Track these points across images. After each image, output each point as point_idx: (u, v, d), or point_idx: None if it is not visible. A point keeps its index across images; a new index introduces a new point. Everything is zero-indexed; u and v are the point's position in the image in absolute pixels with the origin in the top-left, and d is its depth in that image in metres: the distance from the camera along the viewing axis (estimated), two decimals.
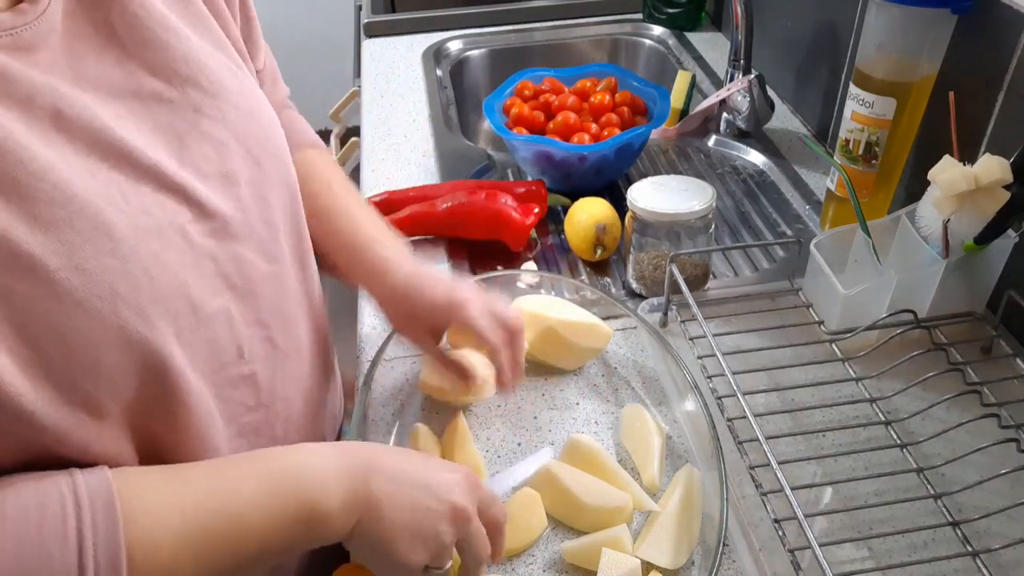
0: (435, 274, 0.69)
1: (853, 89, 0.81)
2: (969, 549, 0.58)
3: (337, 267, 0.72)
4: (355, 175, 1.16)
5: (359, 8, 1.65)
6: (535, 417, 0.74)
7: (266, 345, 0.58)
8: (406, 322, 0.70)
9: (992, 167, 0.65)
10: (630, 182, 0.88)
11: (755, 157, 1.11)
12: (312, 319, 0.66)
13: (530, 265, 0.93)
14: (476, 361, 0.72)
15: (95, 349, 0.43)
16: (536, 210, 0.94)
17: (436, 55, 1.42)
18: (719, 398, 0.69)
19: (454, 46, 1.45)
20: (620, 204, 0.90)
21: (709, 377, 0.72)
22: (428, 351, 0.71)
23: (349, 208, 0.72)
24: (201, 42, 0.55)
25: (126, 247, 0.45)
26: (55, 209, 0.42)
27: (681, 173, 1.09)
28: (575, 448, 0.66)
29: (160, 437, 0.49)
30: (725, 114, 1.15)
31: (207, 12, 0.57)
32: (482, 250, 0.95)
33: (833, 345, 0.74)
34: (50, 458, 0.44)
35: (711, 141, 1.16)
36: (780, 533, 0.59)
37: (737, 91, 1.10)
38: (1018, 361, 0.70)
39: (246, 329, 0.55)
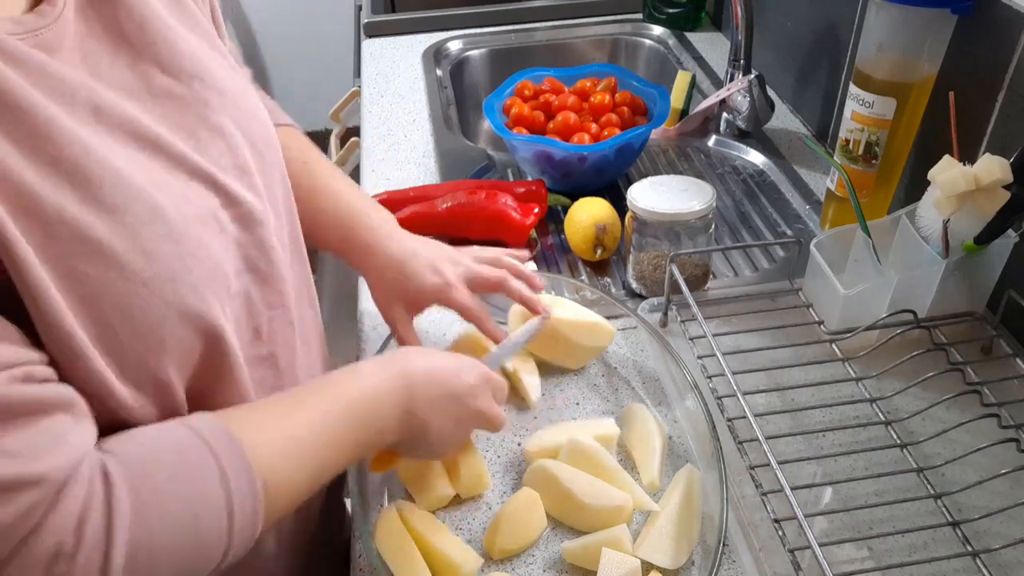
0: (422, 252, 0.72)
1: (853, 89, 0.81)
2: (969, 549, 0.58)
3: (328, 245, 0.74)
4: (355, 175, 1.16)
5: (359, 8, 1.65)
6: (535, 417, 0.74)
7: (278, 327, 0.60)
8: (388, 299, 0.72)
9: (992, 167, 0.65)
10: (630, 182, 0.88)
11: (755, 157, 1.11)
12: (309, 303, 0.68)
13: (530, 265, 0.93)
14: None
15: (160, 327, 0.46)
16: (536, 210, 0.94)
17: (436, 55, 1.42)
18: (719, 398, 0.69)
19: (454, 46, 1.45)
20: (620, 204, 0.90)
21: (709, 377, 0.72)
22: (400, 331, 0.73)
23: (329, 185, 0.74)
24: (198, 41, 0.56)
25: (177, 230, 0.47)
26: (116, 194, 0.44)
27: (681, 173, 1.09)
28: (575, 448, 0.66)
29: (213, 408, 0.52)
30: (725, 114, 1.15)
31: (198, 12, 0.58)
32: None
33: (833, 345, 0.74)
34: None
35: (711, 141, 1.16)
36: (780, 533, 0.59)
37: (737, 91, 1.10)
38: (1018, 361, 0.70)
39: (266, 311, 0.58)
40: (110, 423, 0.46)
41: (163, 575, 0.43)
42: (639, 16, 1.48)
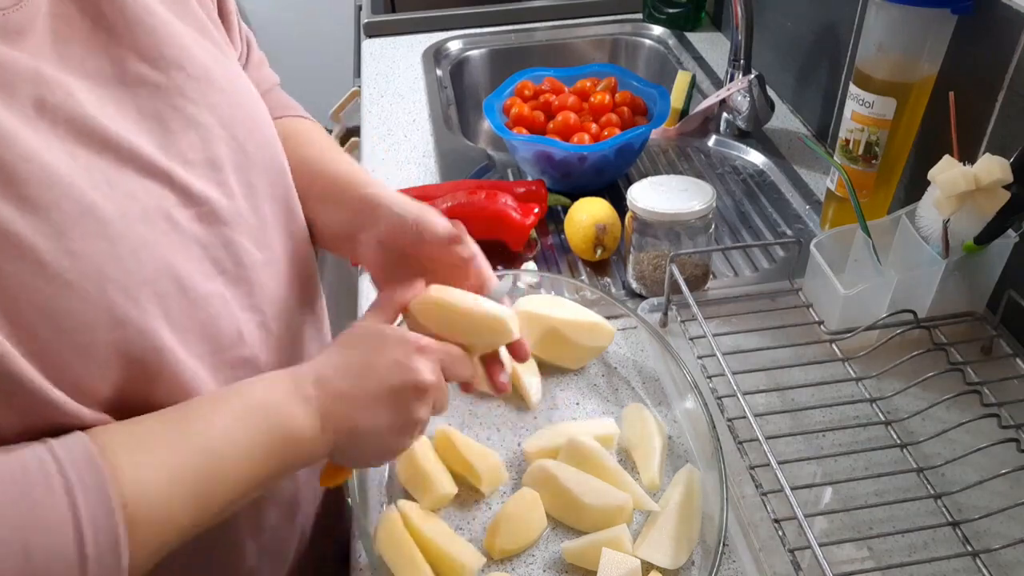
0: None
1: (853, 89, 0.81)
2: (969, 549, 0.58)
3: (329, 226, 0.67)
4: None
5: (359, 8, 1.65)
6: (535, 417, 0.74)
7: (263, 331, 0.58)
8: (400, 244, 0.64)
9: (992, 167, 0.65)
10: (630, 182, 0.88)
11: (755, 157, 1.11)
12: (309, 309, 0.65)
13: (530, 265, 0.93)
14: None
15: (85, 331, 0.43)
16: (536, 210, 0.94)
17: (436, 55, 1.42)
18: (719, 398, 0.69)
19: (454, 46, 1.45)
20: (620, 204, 0.90)
21: (709, 377, 0.72)
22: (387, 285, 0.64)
23: (340, 170, 0.68)
24: (185, 27, 0.54)
25: (113, 229, 0.45)
26: (43, 191, 0.42)
27: (681, 173, 1.09)
28: (575, 448, 0.66)
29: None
30: (725, 114, 1.15)
31: (195, 4, 0.57)
32: (482, 250, 0.94)
33: (833, 345, 0.74)
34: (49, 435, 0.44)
35: (711, 141, 1.16)
36: (780, 533, 0.59)
37: (737, 91, 1.10)
38: (1018, 361, 0.70)
39: (241, 313, 0.55)
40: (53, 427, 0.43)
41: None
42: (639, 16, 1.48)
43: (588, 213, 0.90)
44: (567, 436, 0.67)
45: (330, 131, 1.55)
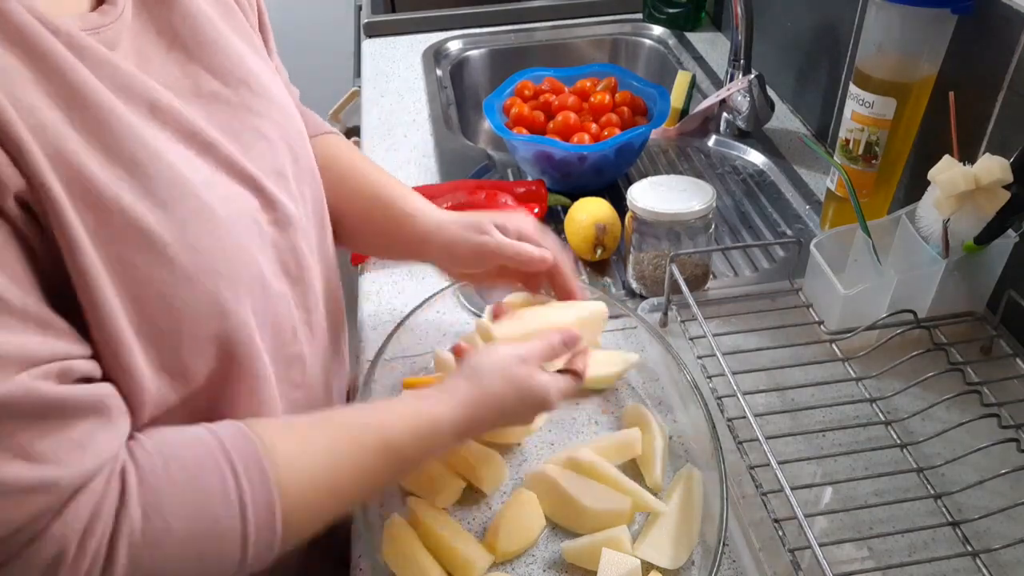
0: (458, 220, 0.71)
1: (853, 89, 0.81)
2: (969, 549, 0.58)
3: (376, 244, 0.75)
4: None
5: (359, 8, 1.65)
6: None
7: (307, 328, 0.61)
8: (462, 266, 0.72)
9: (992, 167, 0.65)
10: (630, 182, 0.88)
11: (755, 157, 1.11)
12: (337, 309, 0.69)
13: None
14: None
15: (196, 321, 0.47)
16: (536, 210, 0.94)
17: (436, 55, 1.42)
18: (719, 398, 0.69)
19: (454, 46, 1.45)
20: (620, 204, 0.90)
21: (709, 377, 0.72)
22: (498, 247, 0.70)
23: (382, 186, 0.73)
24: (244, 46, 0.58)
25: (221, 228, 0.49)
26: (170, 189, 0.46)
27: (681, 173, 1.09)
28: (574, 464, 0.66)
29: (232, 407, 0.53)
30: (725, 114, 1.15)
31: (245, 21, 0.60)
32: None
33: (833, 345, 0.74)
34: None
35: (711, 141, 1.16)
36: (780, 533, 0.59)
37: (737, 91, 1.10)
38: (1018, 361, 0.70)
39: (296, 312, 0.59)
40: (137, 413, 0.47)
41: None
42: (639, 16, 1.48)
43: (588, 213, 0.90)
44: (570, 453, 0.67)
45: None
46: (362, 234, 0.73)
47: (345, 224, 0.71)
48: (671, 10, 1.44)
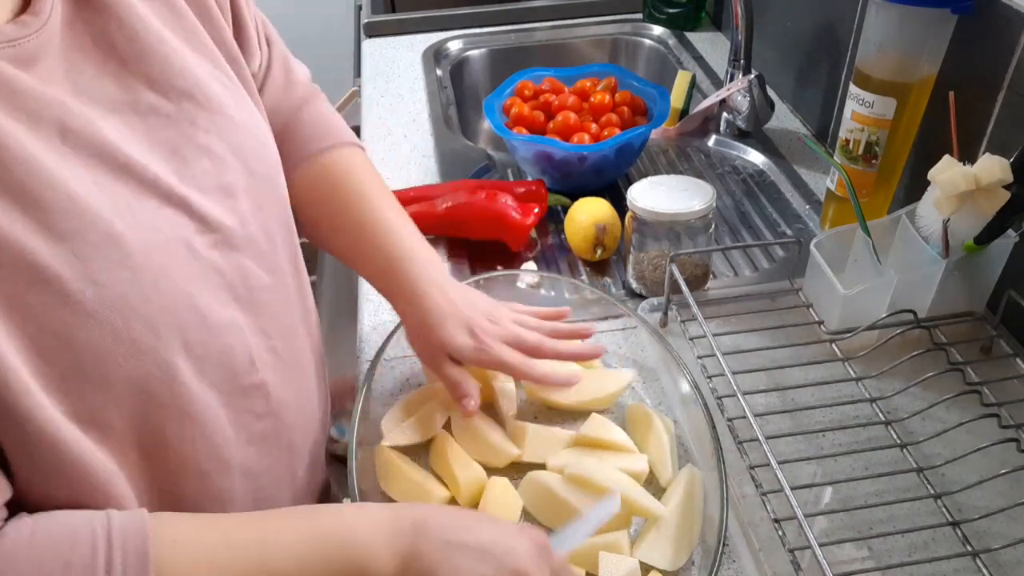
0: (460, 311, 0.66)
1: (853, 89, 0.81)
2: (969, 549, 0.58)
3: (370, 279, 0.72)
4: None
5: (359, 8, 1.65)
6: (535, 417, 0.74)
7: (271, 355, 0.58)
8: (425, 349, 0.68)
9: (992, 167, 0.65)
10: (630, 182, 0.88)
11: (755, 157, 1.11)
12: (307, 328, 0.66)
13: (530, 265, 0.93)
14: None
15: (104, 361, 0.43)
16: (536, 210, 0.94)
17: (436, 55, 1.42)
18: (719, 398, 0.69)
19: (454, 46, 1.45)
20: (620, 204, 0.90)
21: (709, 377, 0.72)
22: (443, 372, 0.67)
23: (378, 220, 0.69)
24: (195, 56, 0.55)
25: (136, 259, 0.45)
26: (69, 220, 0.42)
27: (681, 173, 1.09)
28: (575, 479, 0.65)
29: (166, 449, 0.49)
30: (725, 114, 1.15)
31: (200, 25, 0.56)
32: (482, 250, 0.95)
33: (833, 345, 0.74)
34: (70, 476, 0.44)
35: (711, 141, 1.16)
36: (780, 533, 0.59)
37: (737, 91, 1.10)
38: (1018, 361, 0.70)
39: (252, 339, 0.55)
40: (60, 466, 0.43)
41: None
42: (639, 16, 1.48)
43: (588, 213, 0.90)
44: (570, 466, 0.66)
45: None
46: (350, 262, 0.71)
47: (335, 248, 0.69)
48: (671, 10, 1.44)
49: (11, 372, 0.40)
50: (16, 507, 0.43)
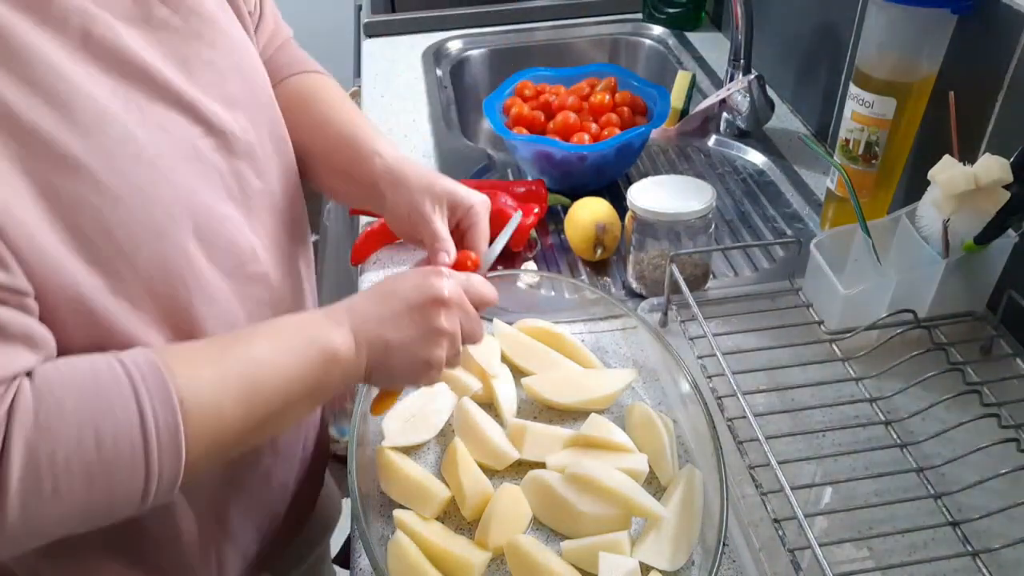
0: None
1: (853, 89, 0.81)
2: (969, 549, 0.58)
3: (336, 185, 0.73)
4: None
5: (359, 8, 1.65)
6: (535, 417, 0.74)
7: (265, 251, 0.63)
8: (417, 212, 0.67)
9: (992, 167, 0.65)
10: (630, 182, 0.88)
11: (755, 157, 1.11)
12: (298, 241, 0.70)
13: (530, 265, 0.93)
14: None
15: (135, 242, 0.49)
16: (536, 210, 0.94)
17: (436, 55, 1.42)
18: (719, 398, 0.69)
19: (454, 46, 1.45)
20: (620, 204, 0.90)
21: (709, 377, 0.72)
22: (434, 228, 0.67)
23: (353, 120, 0.72)
24: None
25: (148, 154, 0.50)
26: (91, 118, 0.47)
27: (681, 173, 1.09)
28: (579, 481, 0.65)
29: (192, 326, 0.55)
30: (725, 114, 1.15)
31: None
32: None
33: (833, 345, 0.74)
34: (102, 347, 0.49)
35: (711, 141, 1.16)
36: (780, 533, 0.59)
37: (737, 91, 1.10)
38: (1018, 361, 0.70)
39: (252, 236, 0.61)
40: (96, 343, 0.49)
41: (71, 489, 0.43)
42: (639, 16, 1.48)
43: (588, 213, 0.90)
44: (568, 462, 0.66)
45: None
46: (324, 171, 0.72)
47: (310, 159, 0.71)
48: (671, 10, 1.44)
49: (60, 260, 0.45)
50: None
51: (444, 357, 0.59)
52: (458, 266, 0.65)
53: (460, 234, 0.68)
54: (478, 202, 0.68)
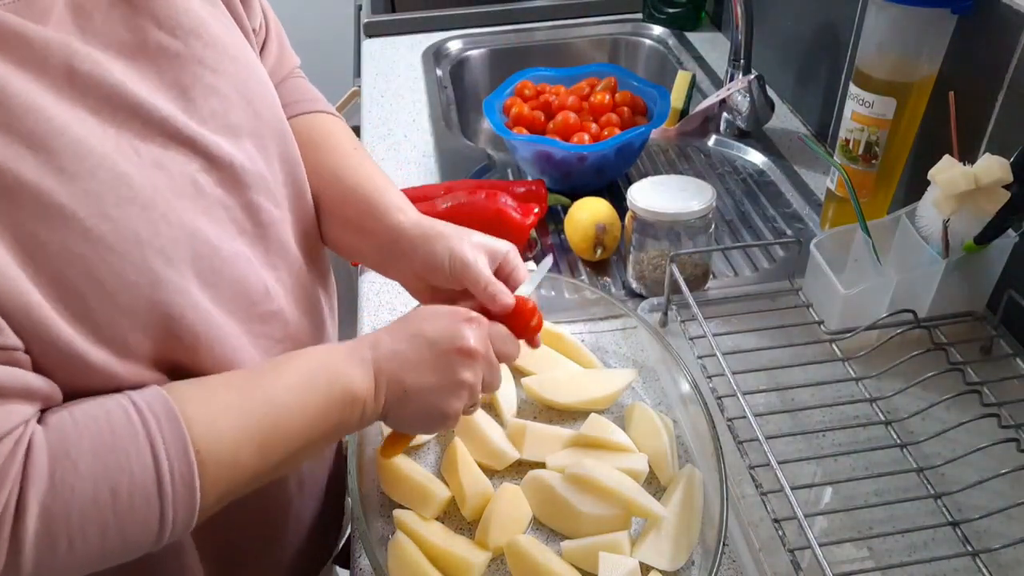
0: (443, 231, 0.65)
1: (853, 89, 0.81)
2: (969, 549, 0.58)
3: (346, 238, 0.69)
4: None
5: (359, 8, 1.65)
6: (534, 417, 0.74)
7: (282, 285, 0.60)
8: (455, 268, 0.63)
9: (992, 167, 0.65)
10: (630, 182, 0.88)
11: (755, 157, 1.11)
12: (315, 263, 0.67)
13: (530, 265, 0.93)
14: None
15: (127, 291, 0.46)
16: (536, 210, 0.94)
17: (436, 55, 1.42)
18: (719, 398, 0.69)
19: (454, 46, 1.45)
20: (620, 204, 0.90)
21: (709, 377, 0.72)
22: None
23: (366, 171, 0.69)
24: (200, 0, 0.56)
25: (143, 196, 0.47)
26: (78, 162, 0.44)
27: (681, 173, 1.09)
28: (579, 481, 0.64)
29: (195, 371, 0.53)
30: (725, 114, 1.15)
31: None
32: None
33: (833, 345, 0.74)
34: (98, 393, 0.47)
35: (711, 141, 1.16)
36: (780, 533, 0.59)
37: (737, 91, 1.10)
38: (1018, 361, 0.70)
39: (264, 270, 0.58)
40: (90, 389, 0.47)
41: (86, 543, 0.43)
42: (639, 16, 1.48)
43: (588, 213, 0.90)
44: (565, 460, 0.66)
45: None
46: (333, 222, 0.68)
47: (317, 209, 0.68)
48: (671, 10, 1.44)
49: (44, 315, 0.43)
50: None
51: (461, 409, 0.57)
52: (517, 310, 0.61)
53: (502, 279, 0.64)
54: (512, 247, 0.66)
